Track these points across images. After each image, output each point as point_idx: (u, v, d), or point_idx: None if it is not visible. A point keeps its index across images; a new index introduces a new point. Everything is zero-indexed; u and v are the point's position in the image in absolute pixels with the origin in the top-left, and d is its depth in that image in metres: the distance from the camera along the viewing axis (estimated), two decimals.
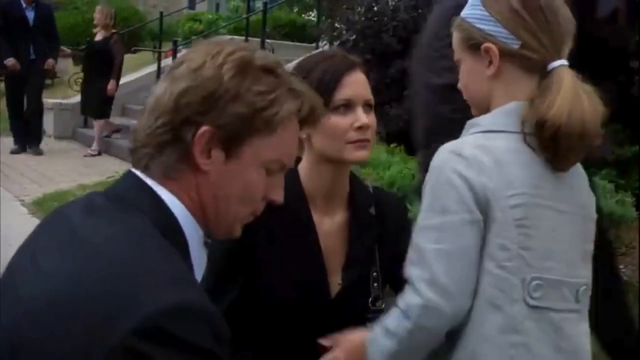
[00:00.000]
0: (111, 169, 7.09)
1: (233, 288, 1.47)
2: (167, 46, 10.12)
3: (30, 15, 7.80)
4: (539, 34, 1.16)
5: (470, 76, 1.26)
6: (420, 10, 5.77)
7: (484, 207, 1.15)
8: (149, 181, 1.01)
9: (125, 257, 0.91)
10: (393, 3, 6.15)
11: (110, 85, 7.98)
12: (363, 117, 1.47)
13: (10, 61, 7.58)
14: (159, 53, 9.78)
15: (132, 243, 0.94)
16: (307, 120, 1.09)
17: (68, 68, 10.50)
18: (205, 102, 0.99)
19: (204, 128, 0.99)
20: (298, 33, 12.42)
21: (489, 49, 1.20)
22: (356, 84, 1.49)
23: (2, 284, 1.01)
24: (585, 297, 1.26)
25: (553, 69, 1.16)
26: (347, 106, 1.47)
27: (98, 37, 8.12)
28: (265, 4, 9.60)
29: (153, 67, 9.77)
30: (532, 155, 1.17)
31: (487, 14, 1.21)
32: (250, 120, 1.00)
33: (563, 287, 1.20)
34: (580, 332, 1.25)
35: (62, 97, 9.62)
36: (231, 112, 0.99)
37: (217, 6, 18.89)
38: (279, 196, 1.09)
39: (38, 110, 7.93)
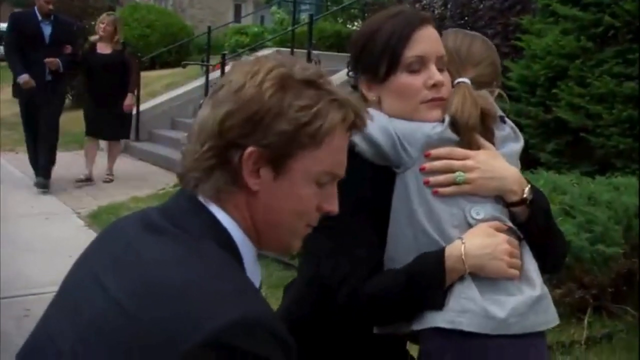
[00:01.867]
0: (163, 181, 7.24)
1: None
2: (214, 60, 10.28)
3: (47, 30, 6.67)
4: (447, 59, 1.44)
5: None
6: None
7: None
8: (202, 200, 1.02)
9: (185, 277, 0.91)
10: (438, 12, 6.13)
11: (128, 100, 7.18)
12: (437, 74, 1.40)
13: (23, 78, 6.42)
14: (207, 67, 9.94)
15: (192, 260, 0.94)
16: (355, 127, 1.08)
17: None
18: (248, 123, 0.99)
19: (249, 149, 0.98)
20: (343, 43, 12.46)
21: None
22: (428, 39, 1.41)
23: (61, 296, 1.02)
24: None
25: (455, 85, 1.45)
26: (419, 63, 1.39)
27: (104, 50, 7.08)
28: (311, 16, 9.67)
29: (201, 81, 9.92)
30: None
31: None
32: (295, 136, 1.00)
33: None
34: None
35: None
36: (275, 131, 0.99)
37: (262, 19, 19.12)
38: (333, 206, 1.08)
39: (50, 141, 6.69)
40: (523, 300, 1.35)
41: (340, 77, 8.46)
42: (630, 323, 3.51)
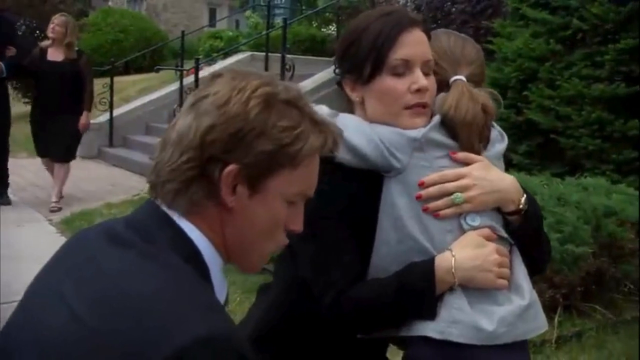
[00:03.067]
0: (137, 187, 7.18)
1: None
2: (188, 64, 10.25)
3: None
4: (437, 60, 1.44)
5: None
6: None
7: None
8: (170, 212, 1.01)
9: (150, 289, 0.90)
10: None
11: (84, 118, 6.22)
12: (422, 78, 1.36)
13: None
14: (181, 71, 9.90)
15: (156, 274, 0.93)
16: (330, 151, 1.08)
17: (93, 88, 10.68)
18: (231, 139, 0.98)
19: (230, 167, 0.98)
20: (318, 47, 12.49)
21: None
22: (415, 43, 1.37)
23: (23, 307, 1.00)
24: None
25: (452, 82, 1.44)
26: (404, 67, 1.36)
27: (55, 57, 6.16)
28: (284, 20, 9.68)
29: (176, 86, 9.88)
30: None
31: None
32: (275, 156, 1.00)
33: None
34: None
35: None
36: (257, 150, 0.98)
37: (237, 23, 19.09)
38: (298, 225, 1.08)
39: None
40: (512, 310, 1.35)
41: (314, 80, 8.51)
42: (600, 321, 3.57)
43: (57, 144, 6.14)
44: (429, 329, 1.33)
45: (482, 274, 1.35)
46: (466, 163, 1.40)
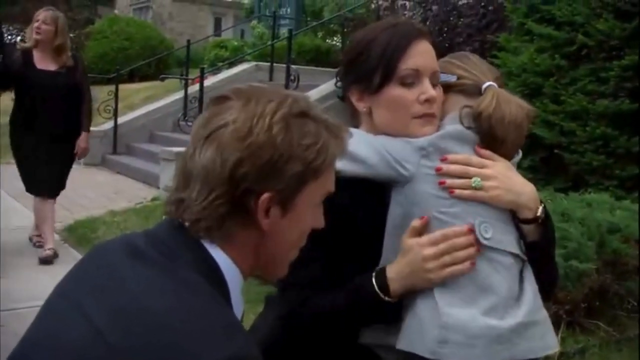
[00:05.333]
0: (140, 195, 7.19)
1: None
2: (193, 73, 10.27)
3: None
4: (468, 69, 1.46)
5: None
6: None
7: None
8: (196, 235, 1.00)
9: (171, 307, 0.89)
10: None
11: (84, 141, 4.86)
12: (430, 89, 1.38)
13: None
14: (186, 80, 9.93)
15: (179, 292, 0.92)
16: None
17: (98, 95, 10.72)
18: (263, 170, 0.97)
19: (265, 195, 0.97)
20: (323, 58, 12.53)
21: None
22: (424, 54, 1.39)
23: (41, 322, 0.99)
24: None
25: (485, 87, 1.43)
26: (414, 77, 1.38)
27: (46, 65, 4.71)
28: (290, 31, 9.72)
29: (180, 94, 9.91)
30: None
31: None
32: (305, 174, 1.00)
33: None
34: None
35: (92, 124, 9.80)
36: (289, 174, 0.99)
37: (242, 33, 19.15)
38: (321, 222, 1.10)
39: None
40: (509, 326, 1.32)
41: (319, 91, 8.53)
42: (603, 338, 3.55)
43: (49, 176, 4.76)
44: (420, 348, 1.32)
45: (420, 275, 1.33)
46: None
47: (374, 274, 1.36)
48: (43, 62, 4.75)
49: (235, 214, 0.98)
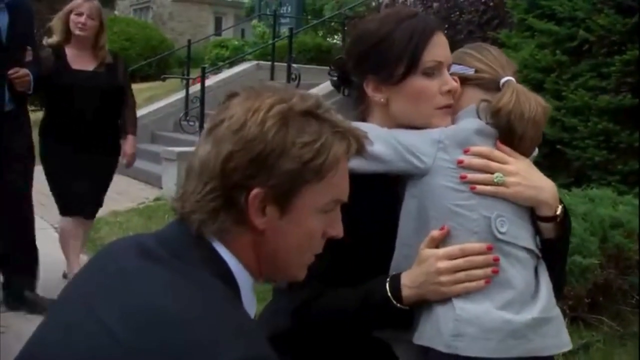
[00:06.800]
0: (142, 195, 7.21)
1: None
2: (195, 73, 10.28)
3: (2, 19, 3.55)
4: (487, 62, 1.46)
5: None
6: None
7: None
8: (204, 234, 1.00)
9: (184, 307, 0.88)
10: None
11: (131, 146, 4.22)
12: (451, 80, 1.39)
13: None
14: (187, 80, 9.93)
15: (190, 291, 0.91)
16: (357, 154, 1.06)
17: None
18: (252, 164, 0.96)
19: (255, 191, 0.97)
20: (324, 57, 12.52)
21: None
22: (444, 45, 1.40)
23: (51, 323, 0.98)
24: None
25: (504, 82, 1.42)
26: (435, 68, 1.38)
27: (84, 65, 3.94)
28: (291, 30, 9.73)
29: (181, 94, 9.92)
30: None
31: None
32: (300, 173, 0.98)
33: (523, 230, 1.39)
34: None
35: None
36: (280, 170, 0.97)
37: (243, 32, 19.16)
38: (337, 230, 1.07)
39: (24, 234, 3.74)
40: (525, 321, 1.31)
41: (320, 90, 8.52)
42: (607, 333, 3.55)
43: (88, 196, 4.03)
44: (437, 341, 1.32)
45: (432, 287, 1.33)
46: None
47: (388, 279, 1.36)
48: (79, 62, 3.96)
49: (229, 208, 0.98)
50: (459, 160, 1.35)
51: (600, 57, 5.09)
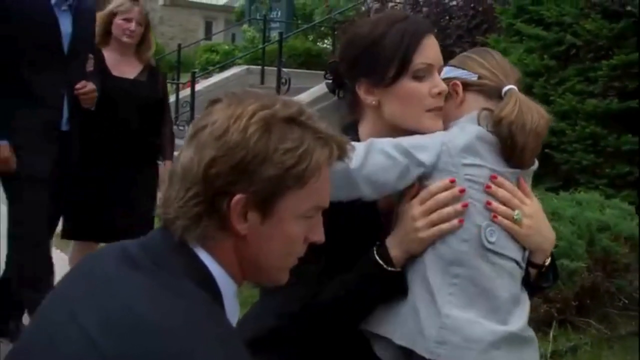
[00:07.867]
0: None
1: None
2: (185, 77, 10.27)
3: (65, 22, 3.01)
4: (491, 69, 1.46)
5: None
6: None
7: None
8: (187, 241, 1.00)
9: (164, 316, 0.89)
10: None
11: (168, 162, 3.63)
12: (441, 82, 1.41)
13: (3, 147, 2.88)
14: (177, 85, 9.92)
15: (172, 300, 0.92)
16: (339, 159, 1.07)
17: None
18: (234, 170, 0.97)
19: (237, 197, 0.97)
20: (314, 61, 12.53)
21: (455, 85, 1.47)
22: (434, 47, 1.42)
23: (35, 331, 0.98)
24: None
25: (506, 91, 1.42)
26: (425, 70, 1.39)
27: (125, 72, 3.52)
28: (280, 34, 9.75)
29: (172, 99, 9.89)
30: None
31: (449, 67, 1.50)
32: (282, 179, 0.99)
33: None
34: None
35: None
36: (262, 177, 0.97)
37: (233, 37, 19.15)
38: (319, 236, 1.08)
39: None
40: (507, 333, 1.32)
41: (310, 94, 8.54)
42: (595, 336, 3.57)
43: (129, 218, 3.40)
44: (420, 346, 1.32)
45: (411, 237, 1.34)
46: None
47: (374, 247, 1.38)
48: (119, 67, 3.52)
49: (211, 214, 0.98)
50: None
51: (588, 62, 5.13)
